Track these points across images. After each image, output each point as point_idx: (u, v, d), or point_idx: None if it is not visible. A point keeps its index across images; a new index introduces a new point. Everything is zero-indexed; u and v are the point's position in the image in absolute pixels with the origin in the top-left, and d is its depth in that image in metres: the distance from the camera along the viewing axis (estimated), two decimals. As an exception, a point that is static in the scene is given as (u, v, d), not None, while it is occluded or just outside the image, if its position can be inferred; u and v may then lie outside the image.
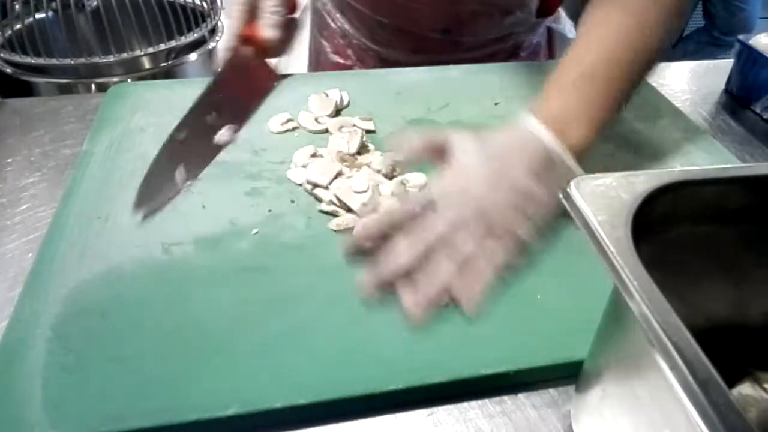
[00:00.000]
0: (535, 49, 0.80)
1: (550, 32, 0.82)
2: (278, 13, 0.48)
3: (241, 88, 0.47)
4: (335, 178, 0.47)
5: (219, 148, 0.44)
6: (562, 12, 0.82)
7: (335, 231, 0.44)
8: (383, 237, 0.41)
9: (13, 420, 0.31)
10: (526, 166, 0.42)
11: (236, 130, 0.44)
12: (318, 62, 0.84)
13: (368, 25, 0.75)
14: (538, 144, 0.43)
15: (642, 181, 0.27)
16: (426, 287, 0.38)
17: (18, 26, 0.93)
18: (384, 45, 0.76)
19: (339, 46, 0.79)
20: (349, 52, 0.79)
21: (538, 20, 0.77)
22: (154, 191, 0.43)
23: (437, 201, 0.41)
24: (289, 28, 0.48)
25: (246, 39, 0.49)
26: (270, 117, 0.56)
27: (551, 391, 0.35)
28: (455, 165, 0.44)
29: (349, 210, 0.45)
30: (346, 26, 0.77)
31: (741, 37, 0.68)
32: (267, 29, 0.48)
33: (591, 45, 0.47)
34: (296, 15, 0.51)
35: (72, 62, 0.90)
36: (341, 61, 0.79)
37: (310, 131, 0.55)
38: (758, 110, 0.67)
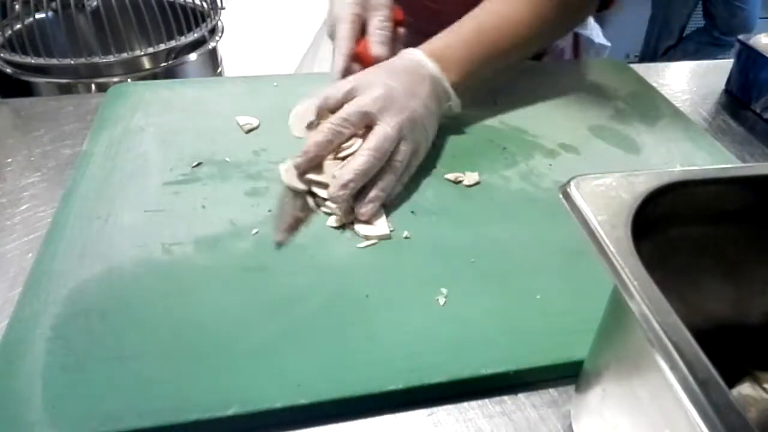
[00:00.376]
0: (559, 54, 0.79)
1: (576, 37, 0.81)
2: (386, 28, 0.54)
3: None
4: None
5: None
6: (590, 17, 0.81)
7: (334, 228, 0.44)
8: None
9: (13, 420, 0.31)
10: (426, 87, 0.50)
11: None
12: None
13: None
14: (428, 73, 0.51)
15: (642, 181, 0.27)
16: (374, 192, 0.45)
17: (18, 26, 0.93)
18: (405, 45, 0.74)
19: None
20: None
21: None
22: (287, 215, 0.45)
23: (375, 112, 0.46)
24: (394, 42, 0.55)
25: (356, 56, 0.52)
26: (271, 118, 0.56)
27: (551, 391, 0.35)
28: (368, 82, 0.48)
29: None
30: None
31: (741, 37, 0.68)
32: (376, 46, 0.54)
33: (493, 12, 0.56)
34: (401, 30, 0.54)
35: (72, 62, 0.90)
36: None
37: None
38: (758, 110, 0.67)
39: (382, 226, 0.44)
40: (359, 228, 0.43)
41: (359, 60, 0.54)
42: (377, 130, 0.45)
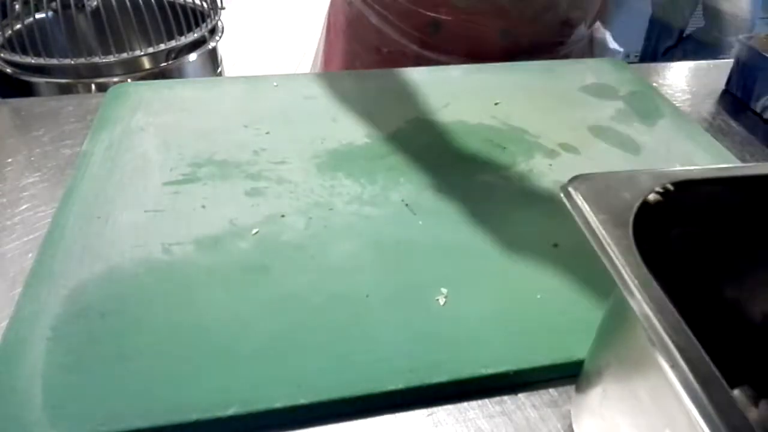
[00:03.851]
0: (579, 56, 0.79)
1: (592, 41, 0.81)
2: None
3: None
4: None
5: None
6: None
7: None
8: None
9: (13, 420, 0.31)
10: None
11: None
12: None
13: (419, 26, 0.70)
14: None
15: (643, 180, 0.27)
16: None
17: (18, 26, 0.93)
18: (436, 50, 0.71)
19: (377, 61, 0.74)
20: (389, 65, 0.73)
21: (587, 30, 0.76)
22: None
23: None
24: None
25: None
26: (270, 118, 0.56)
27: (551, 391, 0.35)
28: None
29: None
30: (395, 36, 0.71)
31: (741, 37, 0.68)
32: None
33: None
34: None
35: (72, 62, 0.90)
36: None
37: None
38: (758, 110, 0.67)
39: None
40: None
41: None
42: None
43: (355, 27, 0.76)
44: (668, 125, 0.59)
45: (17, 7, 0.93)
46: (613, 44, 0.83)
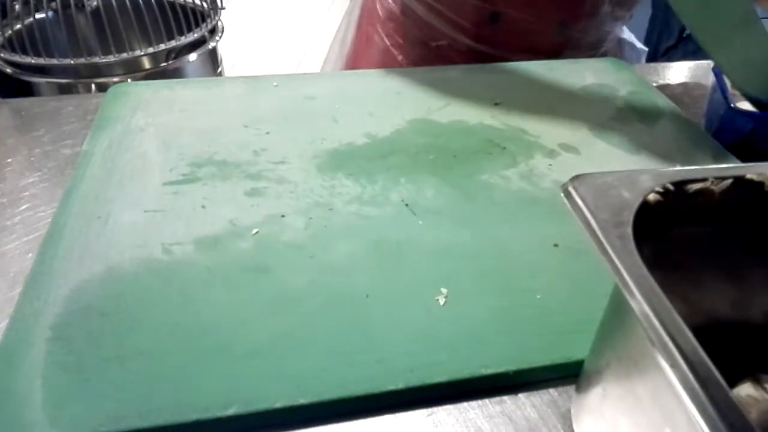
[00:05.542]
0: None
1: (620, 41, 0.81)
2: None
3: None
4: None
5: None
6: None
7: None
8: None
9: (13, 420, 0.31)
10: None
11: None
12: None
13: (475, 19, 0.67)
14: None
15: (643, 180, 0.27)
16: None
17: (18, 26, 0.93)
18: (490, 43, 0.69)
19: (424, 56, 0.71)
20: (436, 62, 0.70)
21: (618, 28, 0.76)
22: None
23: None
24: None
25: None
26: (270, 118, 0.56)
27: (551, 391, 0.35)
28: None
29: None
30: (446, 30, 0.69)
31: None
32: None
33: None
34: None
35: (72, 62, 0.90)
36: None
37: None
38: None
39: None
40: None
41: None
42: None
43: (398, 20, 0.72)
44: (668, 125, 0.59)
45: (17, 7, 0.93)
46: (639, 44, 0.82)
